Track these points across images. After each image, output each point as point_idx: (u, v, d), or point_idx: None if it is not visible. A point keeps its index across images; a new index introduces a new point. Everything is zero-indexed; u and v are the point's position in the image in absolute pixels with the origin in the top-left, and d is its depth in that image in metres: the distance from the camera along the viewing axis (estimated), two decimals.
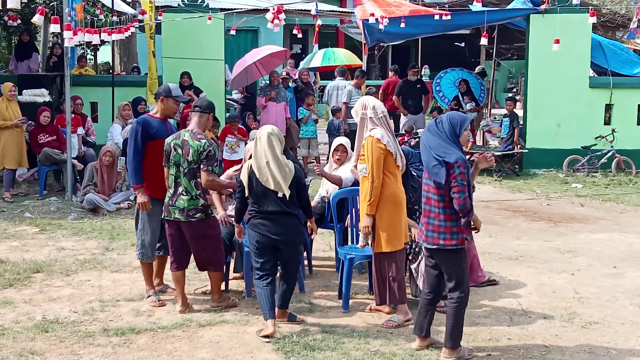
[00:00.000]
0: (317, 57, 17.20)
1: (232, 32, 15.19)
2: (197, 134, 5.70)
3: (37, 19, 8.66)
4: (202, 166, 5.64)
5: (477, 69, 16.57)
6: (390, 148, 5.57)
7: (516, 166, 13.25)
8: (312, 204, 7.20)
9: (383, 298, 5.73)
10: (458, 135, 4.84)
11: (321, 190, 7.18)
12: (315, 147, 12.97)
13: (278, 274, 5.63)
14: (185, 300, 5.92)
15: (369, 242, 5.71)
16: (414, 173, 6.20)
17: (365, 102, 5.73)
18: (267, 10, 11.58)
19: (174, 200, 5.69)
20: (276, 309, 5.51)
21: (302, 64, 17.20)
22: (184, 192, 5.68)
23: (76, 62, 13.71)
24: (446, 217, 4.87)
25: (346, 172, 6.78)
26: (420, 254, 5.95)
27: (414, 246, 5.99)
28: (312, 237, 6.47)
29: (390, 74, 15.12)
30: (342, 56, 17.49)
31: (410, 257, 6.03)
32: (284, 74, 14.12)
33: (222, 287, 6.46)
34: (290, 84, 13.84)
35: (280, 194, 5.38)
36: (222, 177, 6.53)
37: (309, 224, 5.76)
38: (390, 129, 5.69)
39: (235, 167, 6.47)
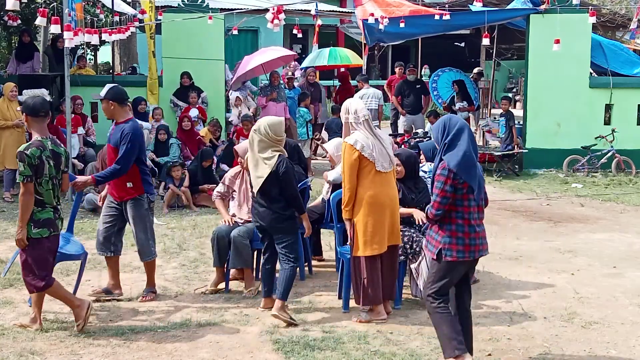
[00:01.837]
0: (323, 57, 17.16)
1: (234, 32, 15.18)
2: (55, 140, 5.50)
3: (40, 22, 8.69)
4: (65, 169, 5.53)
5: (475, 70, 16.57)
6: (365, 153, 5.54)
7: (516, 166, 13.25)
8: (314, 203, 7.27)
9: (358, 299, 5.75)
10: None
11: (324, 193, 7.19)
12: (308, 149, 13.00)
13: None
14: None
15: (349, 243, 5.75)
16: (420, 174, 6.23)
17: (347, 106, 5.75)
18: (267, 10, 11.58)
19: (59, 213, 5.48)
20: (276, 300, 5.63)
21: (304, 64, 17.17)
22: (58, 203, 5.53)
23: (76, 62, 13.71)
24: None
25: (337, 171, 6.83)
26: (420, 254, 5.95)
27: (414, 246, 5.98)
28: (304, 235, 6.30)
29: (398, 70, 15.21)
30: (347, 55, 17.46)
31: (410, 257, 6.02)
32: (289, 74, 14.10)
33: (222, 286, 6.46)
34: (295, 85, 13.87)
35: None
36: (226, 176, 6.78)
37: (303, 222, 5.86)
38: (373, 132, 5.65)
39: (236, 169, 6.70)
